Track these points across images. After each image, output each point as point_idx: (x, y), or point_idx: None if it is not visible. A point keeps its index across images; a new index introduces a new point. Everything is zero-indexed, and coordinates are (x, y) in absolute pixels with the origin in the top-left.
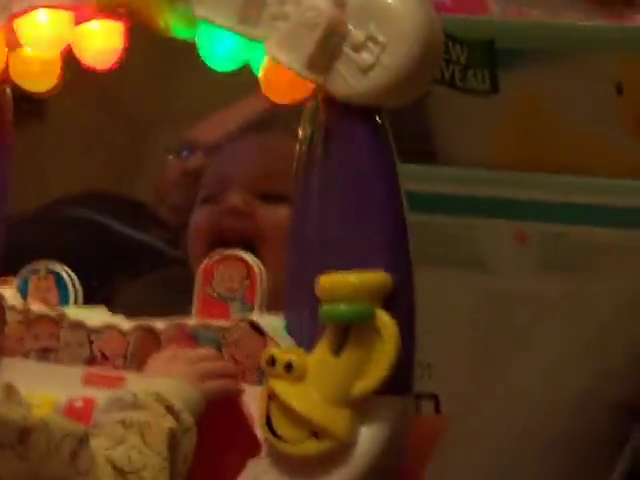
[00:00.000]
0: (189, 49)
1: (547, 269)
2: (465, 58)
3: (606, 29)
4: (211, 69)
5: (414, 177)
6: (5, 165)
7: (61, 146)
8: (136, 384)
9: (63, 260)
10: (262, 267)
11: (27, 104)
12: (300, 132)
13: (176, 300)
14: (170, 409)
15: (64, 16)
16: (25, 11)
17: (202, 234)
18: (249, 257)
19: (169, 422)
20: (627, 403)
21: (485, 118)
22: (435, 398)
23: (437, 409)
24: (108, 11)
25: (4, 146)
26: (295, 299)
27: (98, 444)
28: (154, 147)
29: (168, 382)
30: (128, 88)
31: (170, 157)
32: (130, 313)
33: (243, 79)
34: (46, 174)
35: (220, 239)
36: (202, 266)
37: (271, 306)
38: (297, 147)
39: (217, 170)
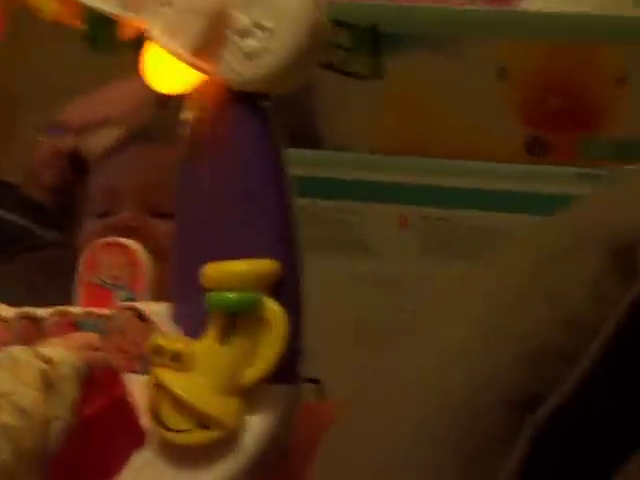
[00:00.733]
0: (56, 27)
1: (430, 253)
2: (349, 42)
3: (489, 14)
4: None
5: (299, 162)
6: None
7: None
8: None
9: None
10: (146, 254)
11: None
12: (185, 117)
13: (51, 283)
14: (49, 361)
15: None
16: None
17: None
18: (133, 244)
19: (42, 365)
20: (517, 399)
21: (369, 102)
22: (317, 383)
23: (320, 395)
24: None
25: None
26: (181, 287)
27: None
28: (22, 127)
29: (49, 348)
30: None
31: (41, 137)
32: (4, 296)
33: (116, 59)
34: None
35: None
36: (85, 254)
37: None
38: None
39: (105, 183)
